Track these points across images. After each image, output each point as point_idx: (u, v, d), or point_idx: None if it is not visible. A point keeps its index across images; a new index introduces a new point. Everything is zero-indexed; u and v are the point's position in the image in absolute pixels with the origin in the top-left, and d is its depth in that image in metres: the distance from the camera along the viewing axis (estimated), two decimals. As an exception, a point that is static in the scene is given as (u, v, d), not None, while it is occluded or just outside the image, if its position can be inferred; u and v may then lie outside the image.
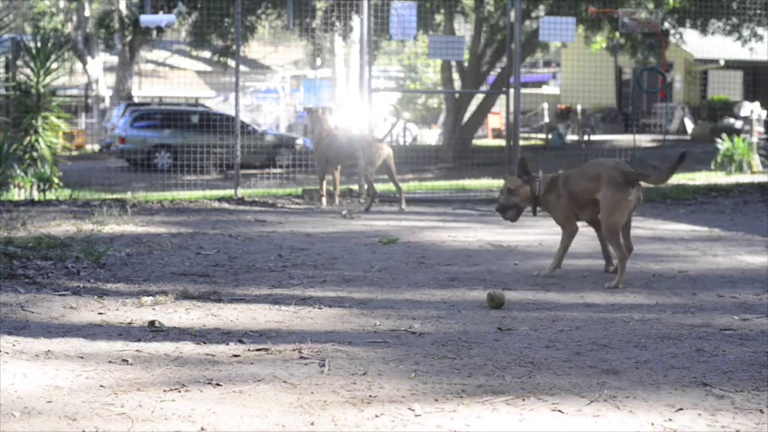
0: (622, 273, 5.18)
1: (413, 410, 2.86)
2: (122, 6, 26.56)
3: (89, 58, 27.51)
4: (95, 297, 4.61)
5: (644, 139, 20.37)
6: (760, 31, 19.23)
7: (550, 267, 5.49)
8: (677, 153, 5.39)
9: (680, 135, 27.22)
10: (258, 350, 3.57)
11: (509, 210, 5.59)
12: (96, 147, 25.49)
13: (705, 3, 15.56)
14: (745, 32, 19.32)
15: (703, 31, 19.07)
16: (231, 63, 19.65)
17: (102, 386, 3.06)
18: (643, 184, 5.37)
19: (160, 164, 18.05)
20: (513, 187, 5.56)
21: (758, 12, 16.58)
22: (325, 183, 9.90)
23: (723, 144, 15.26)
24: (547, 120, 27.58)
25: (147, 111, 21.84)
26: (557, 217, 5.57)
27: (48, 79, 11.21)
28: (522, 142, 12.23)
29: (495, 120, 32.22)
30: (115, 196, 10.43)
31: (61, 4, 28.78)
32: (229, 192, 10.64)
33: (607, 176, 5.23)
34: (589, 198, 5.34)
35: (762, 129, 16.67)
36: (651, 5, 16.32)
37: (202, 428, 2.67)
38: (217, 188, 11.10)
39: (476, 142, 25.94)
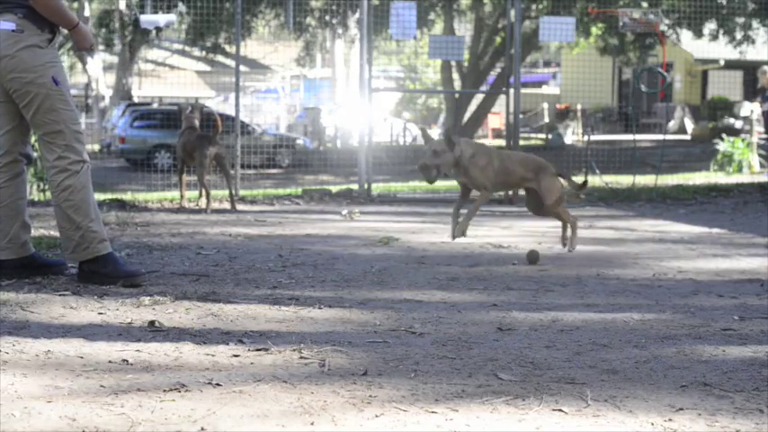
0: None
1: (413, 410, 2.86)
2: (122, 6, 26.56)
3: (89, 58, 27.51)
4: (95, 297, 4.61)
5: (644, 139, 20.37)
6: (752, 34, 19.26)
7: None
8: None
9: (680, 135, 27.21)
10: (258, 350, 3.57)
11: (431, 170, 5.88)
12: (96, 147, 25.51)
13: (699, 3, 15.58)
14: (738, 35, 19.33)
15: (697, 32, 19.09)
16: (230, 63, 19.66)
17: (102, 386, 3.06)
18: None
19: (160, 164, 18.06)
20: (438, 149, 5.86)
21: (750, 14, 16.59)
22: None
23: (723, 144, 15.27)
24: (547, 120, 27.59)
25: (147, 111, 21.84)
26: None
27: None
28: (522, 142, 12.23)
29: (495, 120, 32.23)
30: (115, 196, 10.43)
31: (61, 4, 28.74)
32: (229, 191, 10.61)
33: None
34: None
35: (762, 129, 16.68)
36: (645, 5, 16.32)
37: (202, 428, 2.67)
38: (217, 188, 11.10)
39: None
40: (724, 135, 16.15)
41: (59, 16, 4.84)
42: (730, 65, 27.34)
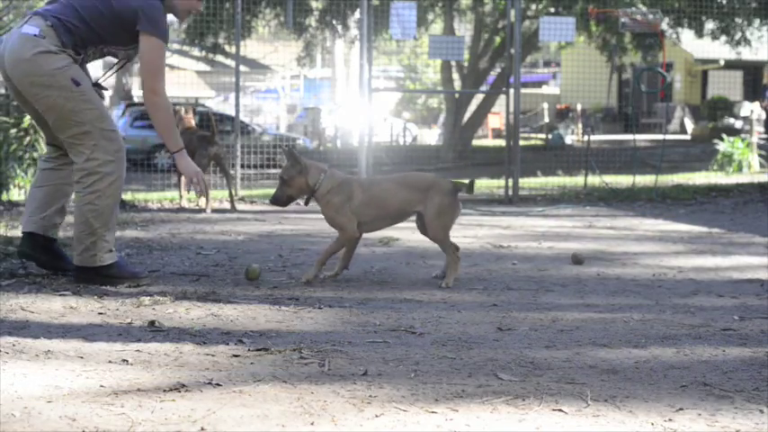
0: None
1: (413, 410, 2.86)
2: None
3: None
4: (95, 297, 4.61)
5: (644, 139, 20.36)
6: (751, 35, 19.27)
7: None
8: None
9: (680, 135, 27.22)
10: (258, 350, 3.57)
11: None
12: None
13: (699, 3, 15.58)
14: (737, 35, 19.34)
15: (698, 32, 19.09)
16: (230, 63, 19.65)
17: (102, 386, 3.06)
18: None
19: (160, 164, 18.04)
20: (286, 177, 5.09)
21: (750, 15, 16.57)
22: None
23: (723, 144, 15.27)
24: (547, 120, 27.60)
25: (146, 111, 21.80)
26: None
27: (48, 79, 11.16)
28: (522, 142, 12.24)
29: (495, 120, 32.24)
30: (115, 196, 10.41)
31: (61, 4, 28.74)
32: (229, 192, 10.60)
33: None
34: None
35: (762, 129, 16.69)
36: (643, 7, 16.32)
37: (202, 428, 2.67)
38: (217, 188, 11.10)
39: (476, 142, 25.93)
40: (724, 135, 16.16)
41: (167, 133, 5.04)
42: (730, 65, 27.33)
